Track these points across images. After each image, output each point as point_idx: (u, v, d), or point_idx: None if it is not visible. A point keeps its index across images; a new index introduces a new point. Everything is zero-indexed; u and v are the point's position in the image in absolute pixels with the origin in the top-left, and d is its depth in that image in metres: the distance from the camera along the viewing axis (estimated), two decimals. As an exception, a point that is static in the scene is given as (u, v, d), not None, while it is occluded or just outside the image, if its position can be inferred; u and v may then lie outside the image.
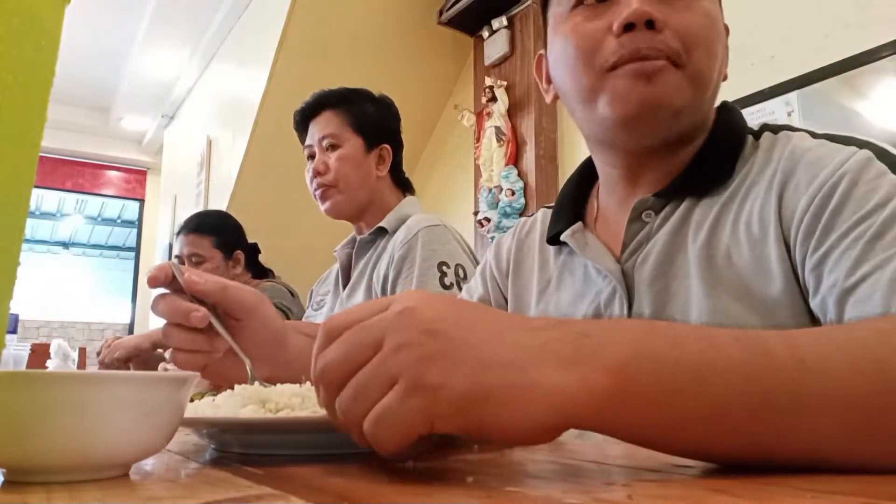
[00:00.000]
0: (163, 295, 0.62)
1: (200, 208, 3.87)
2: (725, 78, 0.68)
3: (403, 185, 1.47)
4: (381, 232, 1.37)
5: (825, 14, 1.85)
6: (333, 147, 1.37)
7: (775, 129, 0.66)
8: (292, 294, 1.97)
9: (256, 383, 0.54)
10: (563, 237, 0.74)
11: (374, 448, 0.34)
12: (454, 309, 0.37)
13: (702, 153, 0.67)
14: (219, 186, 3.78)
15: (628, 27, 0.60)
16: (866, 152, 0.55)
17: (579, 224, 0.74)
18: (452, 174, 3.24)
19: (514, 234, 0.88)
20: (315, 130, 1.40)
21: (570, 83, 0.67)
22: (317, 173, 1.37)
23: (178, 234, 2.01)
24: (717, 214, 0.63)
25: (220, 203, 3.60)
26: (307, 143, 1.42)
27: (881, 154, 0.55)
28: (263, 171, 3.31)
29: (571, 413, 0.33)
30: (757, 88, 1.96)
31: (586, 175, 0.79)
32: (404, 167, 1.49)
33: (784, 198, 0.59)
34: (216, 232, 1.98)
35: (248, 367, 0.61)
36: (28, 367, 1.73)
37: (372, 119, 1.41)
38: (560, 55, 0.67)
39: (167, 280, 0.62)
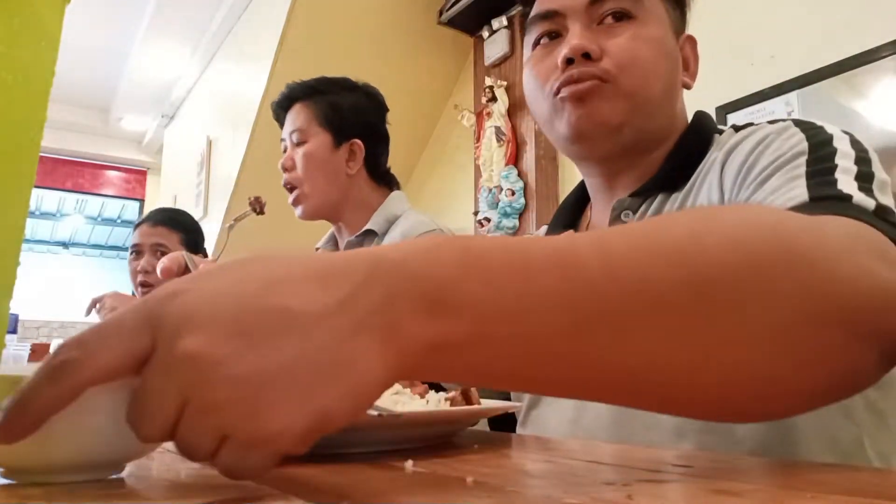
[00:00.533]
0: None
1: (200, 208, 3.87)
2: (688, 87, 0.75)
3: (386, 181, 1.38)
4: (369, 234, 1.30)
5: (825, 14, 1.85)
6: (301, 142, 1.31)
7: (739, 127, 0.70)
8: None
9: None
10: None
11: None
12: (227, 300, 0.30)
13: (672, 154, 0.72)
14: (219, 186, 3.78)
15: (569, 61, 0.69)
16: (788, 122, 0.61)
17: (570, 232, 0.78)
18: (452, 174, 3.24)
19: None
20: (287, 123, 1.35)
21: (535, 111, 0.76)
22: (284, 168, 1.32)
23: (141, 224, 1.94)
24: (679, 205, 0.68)
25: (220, 203, 3.60)
26: (282, 136, 1.36)
27: (801, 122, 0.60)
28: (263, 171, 3.31)
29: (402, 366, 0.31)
30: (757, 88, 1.96)
31: (584, 187, 0.84)
32: (404, 167, 1.47)
33: (723, 173, 0.64)
34: (185, 229, 1.95)
35: None
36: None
37: (343, 112, 1.31)
38: (526, 87, 0.77)
39: (180, 271, 0.62)
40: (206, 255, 2.02)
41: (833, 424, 0.56)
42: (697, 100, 0.76)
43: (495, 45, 2.82)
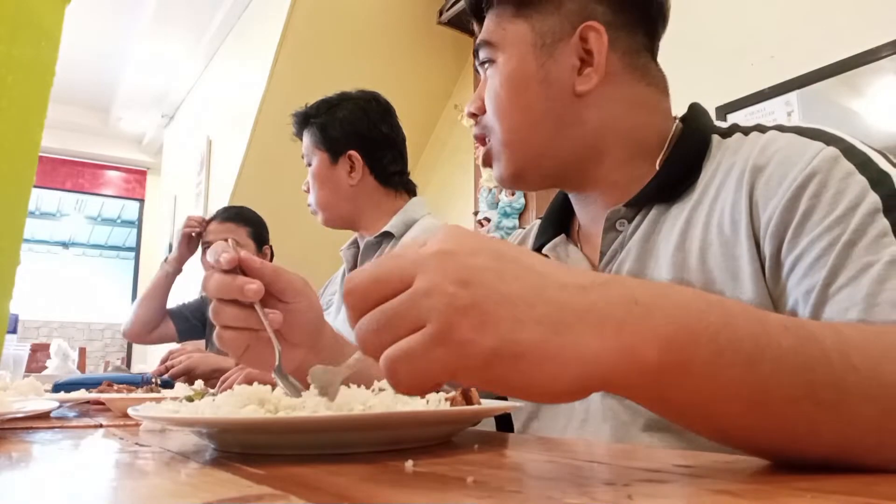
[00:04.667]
0: (214, 272, 0.61)
1: (200, 208, 3.87)
2: (581, 94, 0.68)
3: (401, 185, 1.44)
4: (387, 235, 1.35)
5: (825, 14, 1.85)
6: (309, 165, 1.42)
7: (746, 129, 0.65)
8: None
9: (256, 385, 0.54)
10: (545, 250, 0.75)
11: (389, 381, 0.34)
12: (496, 257, 0.35)
13: (668, 161, 0.68)
14: (219, 186, 3.78)
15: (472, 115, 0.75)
16: (833, 150, 0.54)
17: (562, 237, 0.76)
18: (452, 174, 3.24)
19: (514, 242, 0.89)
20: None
21: None
22: (305, 191, 1.44)
23: (212, 220, 2.09)
24: (687, 217, 0.63)
25: (220, 203, 3.60)
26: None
27: (848, 151, 0.54)
28: (263, 171, 3.31)
29: (605, 379, 0.33)
30: (757, 88, 1.96)
31: None
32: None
33: (754, 196, 0.58)
34: (252, 223, 2.09)
35: (277, 355, 0.59)
36: (27, 367, 1.74)
37: (334, 129, 1.39)
38: None
39: (236, 261, 0.61)
40: (271, 248, 2.17)
41: None
42: (698, 100, 0.74)
43: (495, 45, 2.82)
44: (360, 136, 1.40)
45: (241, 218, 2.10)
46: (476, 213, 2.81)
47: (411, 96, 3.15)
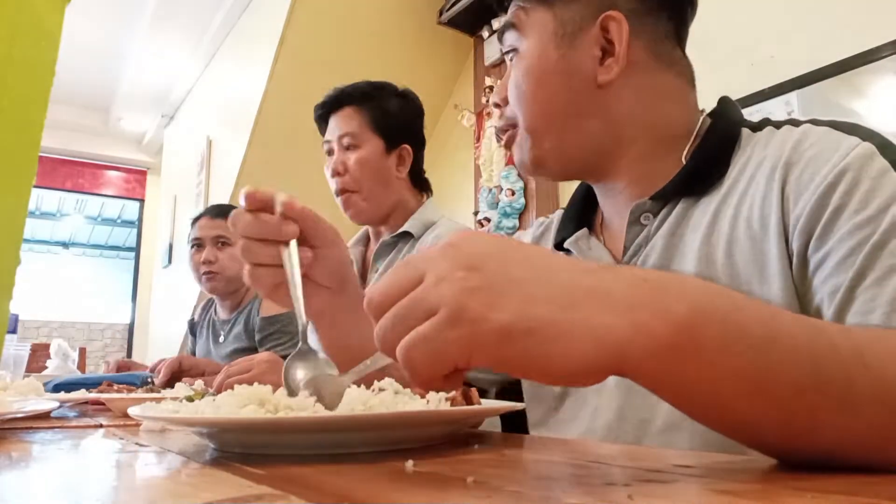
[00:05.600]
0: (244, 212, 0.61)
1: (200, 208, 3.86)
2: (603, 85, 0.66)
3: (422, 186, 1.41)
4: (405, 236, 1.31)
5: (825, 14, 1.85)
6: (353, 147, 1.30)
7: (778, 123, 0.64)
8: None
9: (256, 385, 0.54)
10: (566, 244, 0.74)
11: (407, 374, 0.35)
12: (501, 246, 0.37)
13: (695, 154, 0.66)
14: (219, 186, 3.78)
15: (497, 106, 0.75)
16: (869, 146, 0.53)
17: (584, 230, 0.74)
18: (452, 174, 3.24)
19: (532, 234, 0.87)
20: (335, 126, 1.33)
21: None
22: (335, 173, 1.31)
23: (198, 219, 2.03)
24: (715, 210, 0.62)
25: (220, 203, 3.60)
26: (326, 138, 1.35)
27: (884, 148, 0.53)
28: (263, 171, 3.31)
29: (620, 356, 0.33)
30: (757, 88, 1.96)
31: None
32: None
33: (786, 191, 0.56)
34: None
35: (300, 319, 0.58)
36: (28, 367, 1.74)
37: (393, 117, 1.33)
38: None
39: (270, 200, 0.61)
40: None
41: None
42: (697, 100, 0.73)
43: (495, 45, 2.82)
44: (413, 131, 1.37)
45: (229, 214, 2.08)
46: (476, 213, 2.82)
47: (411, 96, 3.15)
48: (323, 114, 1.36)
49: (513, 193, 2.64)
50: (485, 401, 0.56)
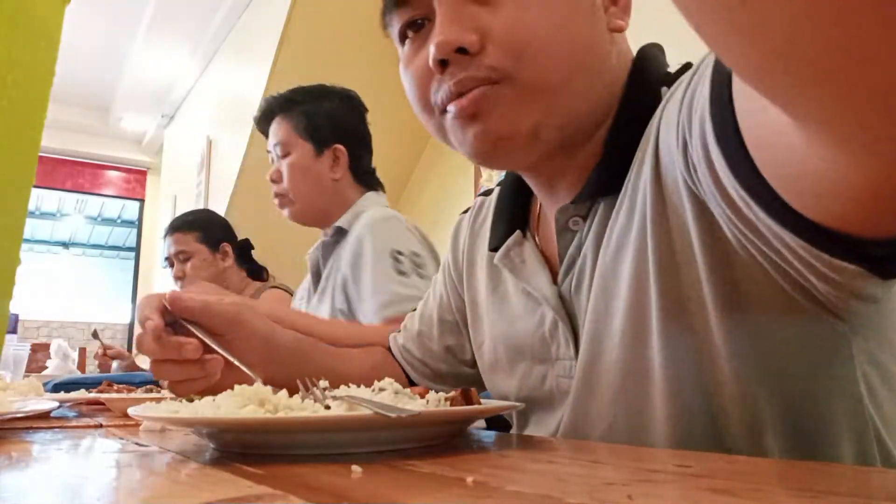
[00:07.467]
0: (146, 333, 0.61)
1: (200, 207, 3.87)
2: (620, 29, 0.55)
3: (367, 183, 1.41)
4: (341, 232, 1.33)
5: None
6: (286, 154, 1.35)
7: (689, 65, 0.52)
8: (291, 295, 1.97)
9: (258, 384, 0.55)
10: (496, 260, 0.66)
11: None
12: None
13: (609, 141, 0.55)
14: (219, 186, 3.78)
15: (443, 62, 0.52)
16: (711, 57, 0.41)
17: (517, 235, 0.65)
18: (452, 174, 3.24)
19: (469, 223, 0.77)
20: (271, 136, 1.39)
21: (426, 126, 0.62)
22: (271, 180, 1.38)
23: (164, 237, 2.05)
24: (627, 216, 0.52)
25: (220, 203, 3.60)
26: (268, 149, 1.41)
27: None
28: (263, 171, 3.30)
29: None
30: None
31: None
32: (404, 168, 1.47)
33: (660, 153, 0.49)
34: (198, 227, 2.03)
35: (252, 374, 0.61)
36: (27, 367, 1.74)
37: (322, 119, 1.35)
38: (409, 97, 0.60)
39: (160, 330, 0.61)
40: (231, 245, 2.05)
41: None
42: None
43: (495, 45, 2.82)
44: (346, 131, 1.38)
45: (188, 225, 2.04)
46: (476, 213, 2.82)
47: (411, 96, 3.15)
48: (261, 126, 1.42)
49: (513, 193, 2.64)
50: (484, 401, 0.56)
